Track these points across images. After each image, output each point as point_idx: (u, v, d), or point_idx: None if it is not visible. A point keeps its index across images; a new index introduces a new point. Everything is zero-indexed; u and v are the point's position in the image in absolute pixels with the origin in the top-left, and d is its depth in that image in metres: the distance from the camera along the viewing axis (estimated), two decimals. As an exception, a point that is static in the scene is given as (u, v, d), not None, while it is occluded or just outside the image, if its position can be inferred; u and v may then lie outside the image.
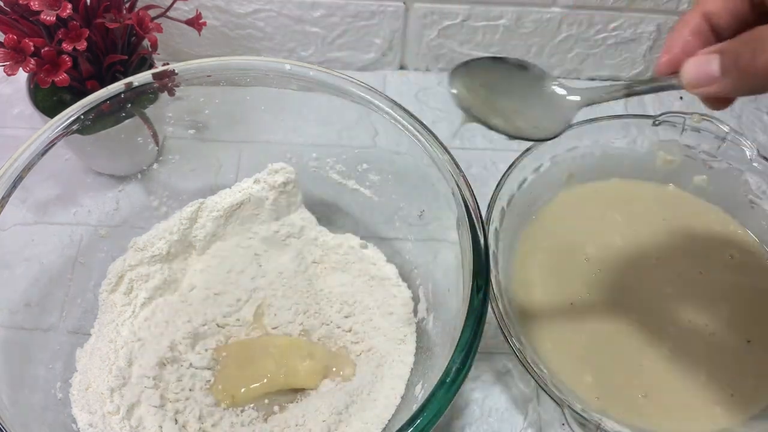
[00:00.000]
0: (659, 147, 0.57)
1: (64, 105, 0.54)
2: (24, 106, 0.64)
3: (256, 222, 0.55)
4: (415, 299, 0.51)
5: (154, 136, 0.55)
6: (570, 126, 0.56)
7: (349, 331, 0.51)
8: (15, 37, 0.47)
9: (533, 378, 0.45)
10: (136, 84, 0.48)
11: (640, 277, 0.53)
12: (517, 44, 0.68)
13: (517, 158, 0.54)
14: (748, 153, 0.54)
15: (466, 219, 0.42)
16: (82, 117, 0.46)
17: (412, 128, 0.46)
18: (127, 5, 0.53)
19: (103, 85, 0.54)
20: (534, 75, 0.40)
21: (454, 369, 0.36)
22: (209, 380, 0.47)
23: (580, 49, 0.69)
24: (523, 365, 0.45)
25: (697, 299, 0.52)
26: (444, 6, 0.64)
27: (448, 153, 0.45)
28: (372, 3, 0.64)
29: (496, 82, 0.40)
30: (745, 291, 0.53)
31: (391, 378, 0.47)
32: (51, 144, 0.45)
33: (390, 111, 0.47)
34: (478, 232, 0.42)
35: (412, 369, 0.48)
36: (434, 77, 0.71)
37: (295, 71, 0.49)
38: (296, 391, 0.48)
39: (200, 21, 0.57)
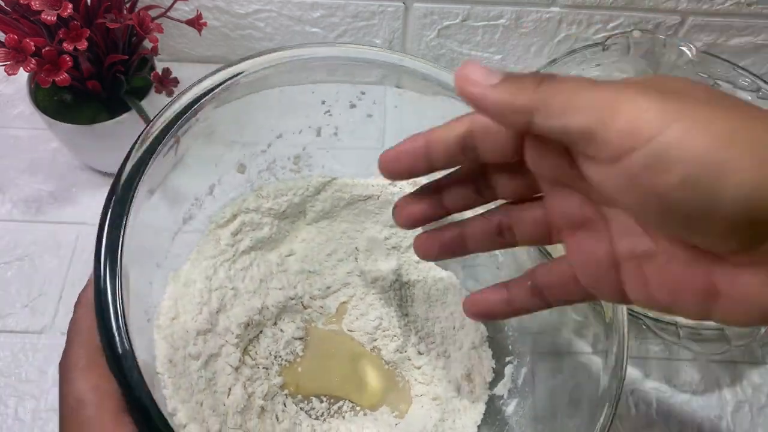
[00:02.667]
0: (614, 69, 0.61)
1: (65, 105, 0.55)
2: (25, 106, 0.64)
3: (370, 219, 0.52)
4: (498, 374, 0.48)
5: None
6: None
7: (419, 368, 0.48)
8: (16, 36, 0.47)
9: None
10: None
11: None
12: (517, 44, 0.68)
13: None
14: (688, 53, 0.59)
15: (614, 357, 0.37)
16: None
17: None
18: (127, 5, 0.53)
19: (104, 84, 0.54)
20: None
21: None
22: (299, 355, 0.46)
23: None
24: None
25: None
26: (444, 6, 0.64)
27: None
28: (372, 3, 0.64)
29: None
30: None
31: None
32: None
33: None
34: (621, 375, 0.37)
35: None
36: (434, 77, 0.71)
37: (440, 79, 0.45)
38: (353, 402, 0.47)
39: (201, 21, 0.57)
